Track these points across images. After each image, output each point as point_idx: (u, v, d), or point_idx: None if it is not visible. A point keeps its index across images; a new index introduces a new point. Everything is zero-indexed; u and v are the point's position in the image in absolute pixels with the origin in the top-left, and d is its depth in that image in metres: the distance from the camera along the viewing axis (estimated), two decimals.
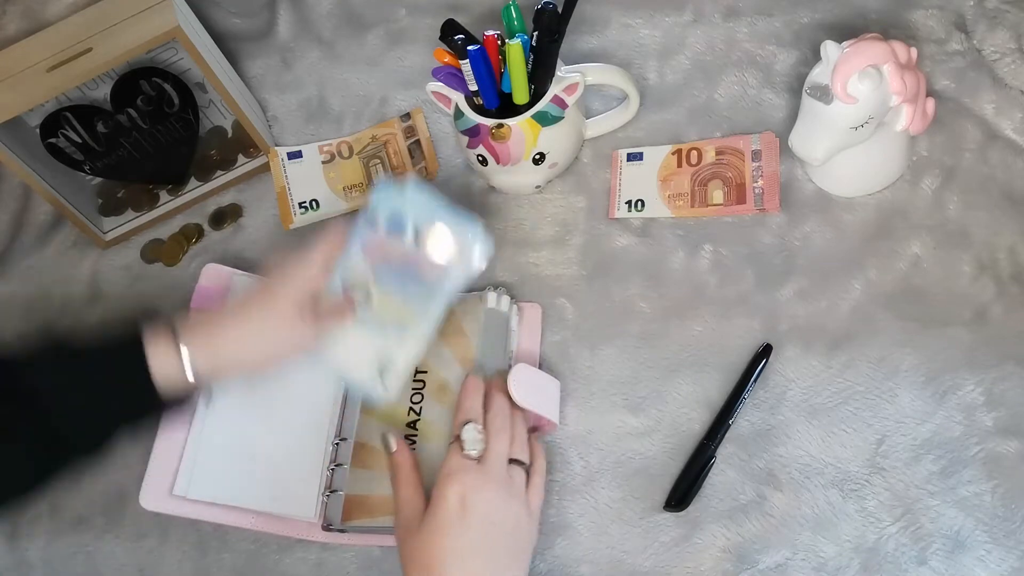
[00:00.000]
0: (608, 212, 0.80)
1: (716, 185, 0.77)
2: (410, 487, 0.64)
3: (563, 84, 0.76)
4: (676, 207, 0.78)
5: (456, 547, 0.59)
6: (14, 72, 0.79)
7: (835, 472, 0.65)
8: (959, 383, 0.66)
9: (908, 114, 0.69)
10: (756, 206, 0.76)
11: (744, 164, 0.77)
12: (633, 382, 0.72)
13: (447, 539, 0.59)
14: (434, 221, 0.67)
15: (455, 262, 0.68)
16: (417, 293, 0.67)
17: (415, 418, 0.72)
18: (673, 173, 0.79)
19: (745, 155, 0.78)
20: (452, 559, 0.58)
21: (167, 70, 0.86)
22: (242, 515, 0.71)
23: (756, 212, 0.76)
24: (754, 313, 0.72)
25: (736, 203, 0.76)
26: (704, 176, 0.78)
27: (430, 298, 0.68)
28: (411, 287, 0.67)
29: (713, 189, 0.77)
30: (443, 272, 0.67)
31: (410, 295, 0.67)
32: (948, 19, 0.82)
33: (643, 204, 0.79)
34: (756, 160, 0.77)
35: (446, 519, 0.59)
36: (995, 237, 0.72)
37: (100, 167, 0.88)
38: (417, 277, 0.67)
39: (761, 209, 0.76)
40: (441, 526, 0.59)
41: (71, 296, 0.88)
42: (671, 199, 0.78)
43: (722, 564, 0.64)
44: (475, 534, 0.59)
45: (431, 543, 0.59)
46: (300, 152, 0.91)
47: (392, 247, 0.67)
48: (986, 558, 0.61)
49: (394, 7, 0.97)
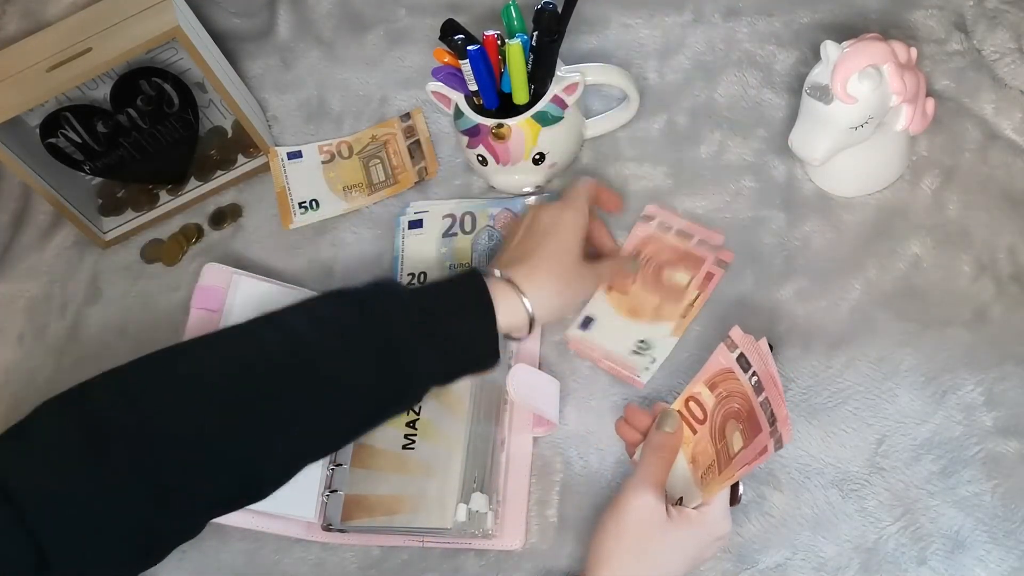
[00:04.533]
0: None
1: (732, 428, 0.61)
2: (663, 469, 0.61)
3: (563, 84, 0.76)
4: (705, 481, 0.62)
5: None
6: (14, 72, 0.79)
7: (835, 472, 0.65)
8: (959, 383, 0.66)
9: (908, 114, 0.69)
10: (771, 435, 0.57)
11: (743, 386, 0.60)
12: None
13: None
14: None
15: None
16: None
17: (415, 417, 0.72)
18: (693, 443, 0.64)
19: (736, 373, 0.61)
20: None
21: (167, 70, 0.86)
22: (241, 514, 0.71)
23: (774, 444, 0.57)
24: (754, 313, 0.72)
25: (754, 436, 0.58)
26: (719, 424, 0.62)
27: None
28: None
29: (731, 434, 0.61)
30: None
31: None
32: (948, 19, 0.82)
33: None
34: (747, 369, 0.60)
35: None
36: (995, 237, 0.71)
37: (100, 167, 0.88)
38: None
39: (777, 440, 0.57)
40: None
41: (71, 296, 0.88)
42: (700, 475, 0.62)
43: (722, 564, 0.64)
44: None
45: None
46: (300, 152, 0.91)
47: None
48: (986, 558, 0.61)
49: (394, 7, 0.97)
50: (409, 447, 0.71)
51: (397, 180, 0.87)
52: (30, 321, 0.88)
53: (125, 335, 0.85)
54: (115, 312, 0.87)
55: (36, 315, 0.88)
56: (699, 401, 0.62)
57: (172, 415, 0.56)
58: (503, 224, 0.80)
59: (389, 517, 0.68)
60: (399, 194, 0.86)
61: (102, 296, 0.88)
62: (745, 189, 0.78)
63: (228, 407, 0.57)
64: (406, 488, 0.69)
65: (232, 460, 0.57)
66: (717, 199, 0.78)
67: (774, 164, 0.79)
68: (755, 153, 0.80)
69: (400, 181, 0.87)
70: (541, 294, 0.66)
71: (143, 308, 0.86)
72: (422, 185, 0.86)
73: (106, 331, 0.85)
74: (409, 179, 0.87)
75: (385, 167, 0.88)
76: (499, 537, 0.67)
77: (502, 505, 0.68)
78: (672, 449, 0.62)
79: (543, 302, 0.66)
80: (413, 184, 0.86)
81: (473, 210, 0.82)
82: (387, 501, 0.69)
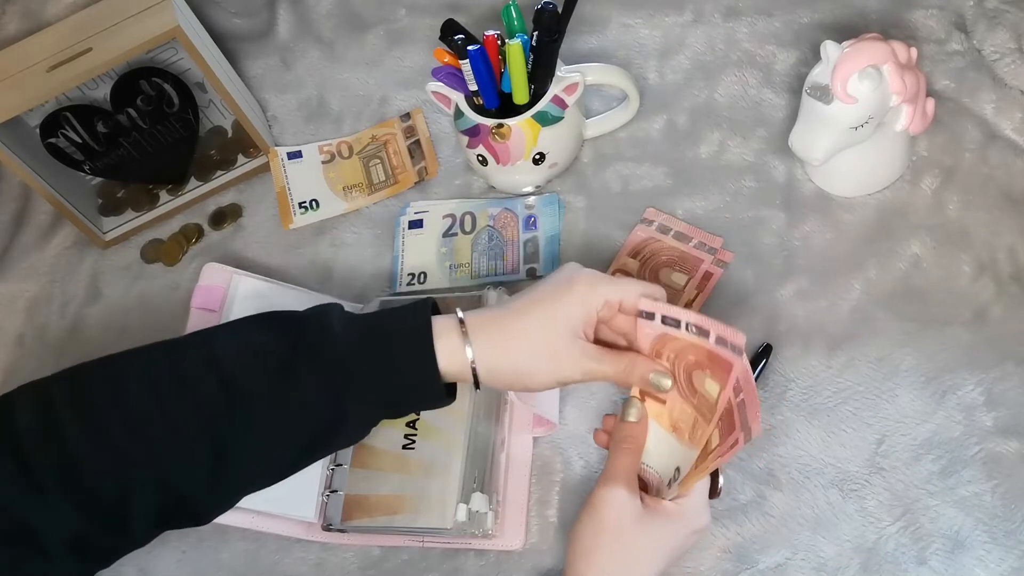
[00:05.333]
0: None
1: (700, 376, 0.59)
2: (632, 460, 0.60)
3: (563, 84, 0.76)
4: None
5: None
6: (14, 72, 0.79)
7: (835, 472, 0.65)
8: (959, 383, 0.66)
9: (908, 114, 0.69)
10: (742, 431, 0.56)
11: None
12: None
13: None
14: None
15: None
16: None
17: (415, 417, 0.72)
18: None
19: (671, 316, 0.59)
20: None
21: (167, 70, 0.86)
22: (241, 515, 0.71)
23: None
24: (754, 313, 0.72)
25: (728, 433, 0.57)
26: (685, 381, 0.60)
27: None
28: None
29: (701, 383, 0.59)
30: None
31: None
32: (948, 19, 0.82)
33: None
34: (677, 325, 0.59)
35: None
36: (995, 237, 0.71)
37: (100, 167, 0.88)
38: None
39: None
40: None
41: (71, 296, 0.88)
42: (689, 436, 0.60)
43: (722, 564, 0.64)
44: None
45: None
46: (300, 152, 0.91)
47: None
48: (986, 558, 0.61)
49: (394, 7, 0.97)
50: (409, 447, 0.70)
51: (397, 180, 0.87)
52: (30, 321, 0.88)
53: (125, 335, 0.84)
54: (115, 312, 0.87)
55: (36, 315, 0.88)
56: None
57: (92, 438, 0.54)
58: None
59: (389, 517, 0.68)
60: (399, 194, 0.86)
61: (102, 296, 0.88)
62: (745, 189, 0.78)
63: (161, 437, 0.55)
64: (406, 488, 0.69)
65: (159, 485, 0.55)
66: (717, 199, 0.78)
67: (774, 164, 0.79)
68: (755, 153, 0.80)
69: (400, 181, 0.87)
70: (491, 348, 0.58)
71: (143, 308, 0.86)
72: (422, 185, 0.86)
73: (106, 331, 0.85)
74: (409, 179, 0.87)
75: (385, 167, 0.88)
76: (499, 537, 0.67)
77: (502, 505, 0.68)
78: (637, 439, 0.61)
79: (490, 358, 0.58)
80: (413, 184, 0.86)
81: (473, 210, 0.82)
82: (387, 501, 0.69)
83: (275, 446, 0.58)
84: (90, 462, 0.54)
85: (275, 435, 0.57)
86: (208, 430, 0.56)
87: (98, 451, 0.54)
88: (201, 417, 0.56)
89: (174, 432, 0.55)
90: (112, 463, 0.55)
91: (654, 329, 0.60)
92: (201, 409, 0.56)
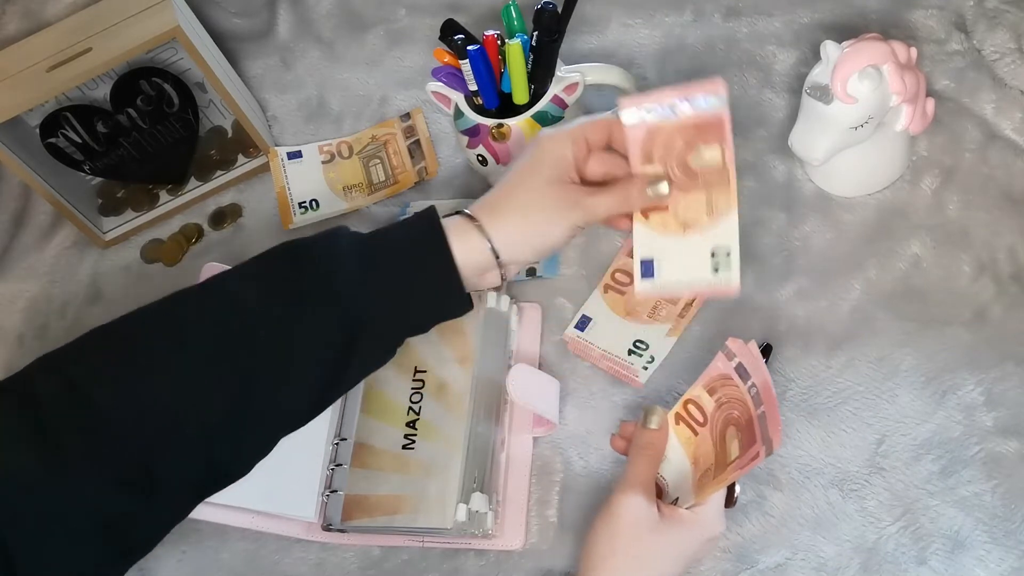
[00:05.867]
0: None
1: (732, 435, 0.59)
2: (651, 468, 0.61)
3: (563, 84, 0.76)
4: (701, 484, 0.61)
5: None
6: (14, 72, 0.79)
7: (835, 472, 0.65)
8: (959, 383, 0.66)
9: (908, 114, 0.69)
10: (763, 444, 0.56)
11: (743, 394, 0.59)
12: None
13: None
14: None
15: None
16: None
17: (415, 417, 0.72)
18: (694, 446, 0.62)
19: (735, 380, 0.60)
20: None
21: (167, 70, 0.86)
22: (241, 515, 0.71)
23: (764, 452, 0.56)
24: (754, 313, 0.72)
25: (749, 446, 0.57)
26: (720, 429, 0.61)
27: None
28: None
29: (730, 441, 0.59)
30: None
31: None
32: (948, 19, 0.82)
33: None
34: (746, 379, 0.58)
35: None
36: (995, 237, 0.71)
37: (100, 167, 0.88)
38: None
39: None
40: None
41: (71, 296, 0.88)
42: (699, 477, 0.61)
43: (721, 564, 0.64)
44: None
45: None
46: (300, 152, 0.91)
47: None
48: (986, 558, 0.61)
49: (394, 7, 0.97)
50: (409, 447, 0.71)
51: (397, 180, 0.87)
52: (30, 321, 0.88)
53: None
54: (115, 312, 0.85)
55: (36, 315, 0.88)
56: (699, 404, 0.62)
57: (120, 390, 0.54)
58: None
59: (389, 517, 0.68)
60: (399, 194, 0.86)
61: (102, 296, 0.88)
62: (745, 189, 0.78)
63: (181, 382, 0.55)
64: (406, 488, 0.69)
65: (199, 434, 0.55)
66: None
67: (774, 164, 0.79)
68: (755, 153, 0.80)
69: (400, 181, 0.87)
70: (502, 224, 0.59)
71: None
72: (422, 185, 0.86)
73: None
74: (409, 179, 0.87)
75: (385, 167, 0.88)
76: (499, 537, 0.67)
77: (502, 505, 0.68)
78: (657, 447, 0.61)
79: (509, 236, 0.59)
80: (413, 184, 0.86)
81: None
82: (387, 501, 0.69)
83: (301, 381, 0.58)
84: (120, 425, 0.53)
85: (298, 372, 0.57)
86: (234, 366, 0.55)
87: (126, 407, 0.53)
88: (224, 352, 0.55)
89: (201, 374, 0.55)
90: (142, 420, 0.53)
91: (640, 125, 0.59)
92: (222, 344, 0.56)
